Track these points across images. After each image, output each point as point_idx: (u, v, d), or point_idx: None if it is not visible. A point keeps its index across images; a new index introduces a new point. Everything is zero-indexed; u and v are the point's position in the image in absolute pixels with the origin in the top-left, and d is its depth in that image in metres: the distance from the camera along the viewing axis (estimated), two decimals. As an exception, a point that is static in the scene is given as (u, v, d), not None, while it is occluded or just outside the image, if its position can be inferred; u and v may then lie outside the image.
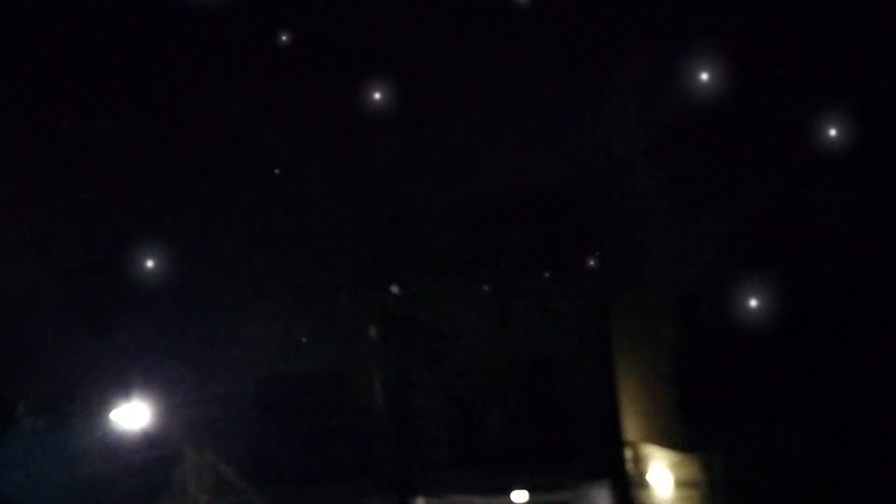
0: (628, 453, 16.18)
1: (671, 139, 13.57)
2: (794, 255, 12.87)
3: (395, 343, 7.21)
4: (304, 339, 8.15)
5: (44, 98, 8.56)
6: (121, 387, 10.43)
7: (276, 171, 7.48)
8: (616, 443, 15.38)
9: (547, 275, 14.26)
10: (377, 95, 8.79)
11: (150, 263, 8.44)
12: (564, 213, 15.99)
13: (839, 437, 11.84)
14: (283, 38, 8.06)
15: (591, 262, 15.26)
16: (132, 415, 9.98)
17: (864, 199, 12.39)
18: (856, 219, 12.63)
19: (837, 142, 12.65)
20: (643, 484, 16.52)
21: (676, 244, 14.17)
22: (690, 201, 13.46)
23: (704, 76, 13.12)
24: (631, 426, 15.96)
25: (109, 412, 10.28)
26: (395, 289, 6.86)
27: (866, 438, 11.44)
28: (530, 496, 15.20)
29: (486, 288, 7.70)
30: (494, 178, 14.46)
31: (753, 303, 13.09)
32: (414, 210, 8.40)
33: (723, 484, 14.01)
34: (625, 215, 15.89)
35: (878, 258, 12.43)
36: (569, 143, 16.35)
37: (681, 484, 14.79)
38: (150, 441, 11.10)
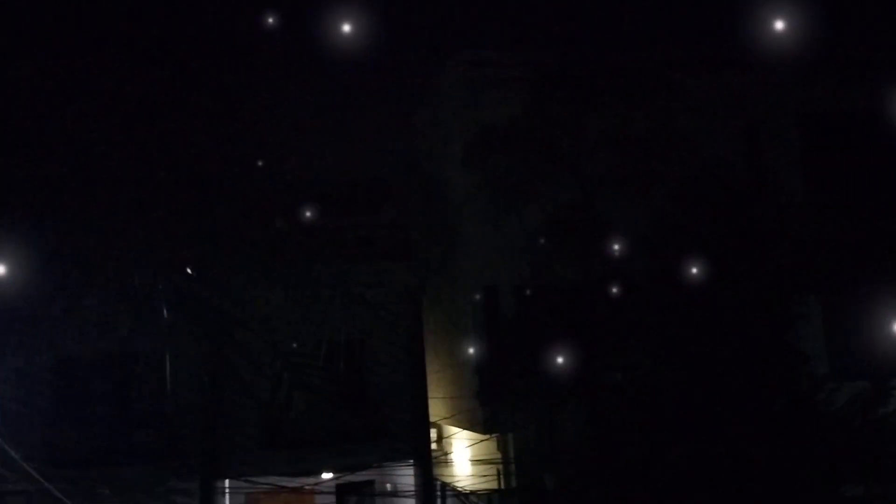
0: (433, 433, 17.08)
1: (485, 143, 14.49)
2: (585, 254, 14.22)
3: (201, 326, 7.29)
4: (105, 319, 7.98)
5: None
6: None
7: (85, 147, 7.25)
8: (422, 424, 16.10)
9: (362, 263, 14.77)
10: (197, 75, 8.71)
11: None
12: (383, 205, 16.60)
13: (615, 420, 13.30)
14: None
15: (405, 253, 15.93)
16: None
17: (649, 201, 13.80)
18: (640, 220, 14.13)
19: (628, 155, 14.15)
20: (446, 462, 17.54)
21: (484, 240, 15.20)
22: (498, 201, 14.46)
23: (521, 88, 14.18)
24: (437, 408, 16.86)
25: None
26: (190, 271, 6.93)
27: (639, 418, 12.90)
28: (337, 476, 15.63)
29: (296, 274, 7.94)
30: (316, 168, 14.74)
31: (549, 296, 14.35)
32: (228, 194, 8.45)
33: (516, 460, 15.27)
34: (439, 210, 16.75)
35: (652, 253, 13.93)
36: (390, 139, 16.95)
37: (479, 461, 15.89)
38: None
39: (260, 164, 8.85)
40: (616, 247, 13.63)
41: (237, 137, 8.70)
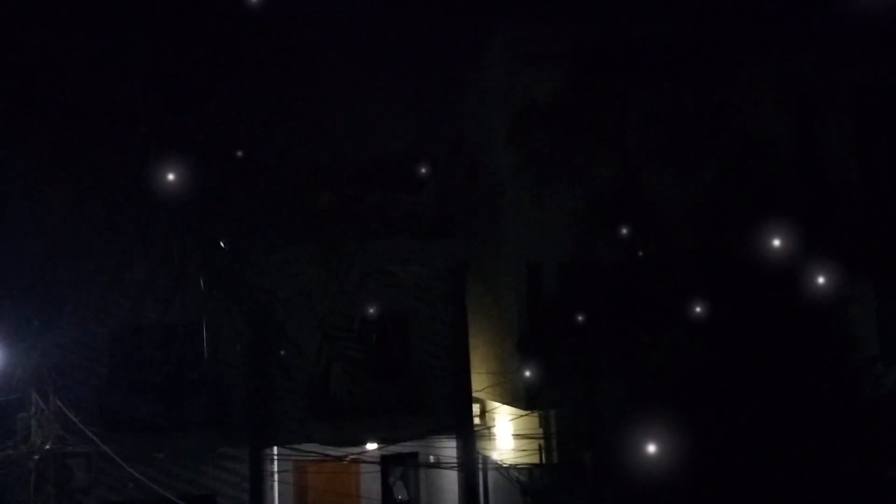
0: (476, 408, 17.29)
1: (529, 120, 14.45)
2: (629, 232, 14.12)
3: (241, 300, 7.56)
4: (159, 290, 8.33)
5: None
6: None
7: (130, 123, 7.54)
8: (465, 399, 16.32)
9: (406, 239, 14.96)
10: (236, 51, 8.87)
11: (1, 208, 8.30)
12: (427, 182, 16.73)
13: (656, 399, 13.28)
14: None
15: (449, 230, 16.05)
16: (-25, 360, 9.80)
17: (694, 183, 13.61)
18: (686, 201, 13.96)
19: (675, 132, 13.93)
20: (489, 436, 17.76)
21: (527, 217, 15.21)
22: (542, 178, 14.43)
23: (566, 64, 14.03)
24: (480, 383, 17.05)
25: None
26: (223, 244, 7.17)
27: (680, 397, 12.86)
28: (382, 447, 15.99)
29: (343, 249, 8.13)
30: (360, 145, 14.94)
31: (592, 274, 14.33)
32: (277, 170, 8.66)
33: (557, 436, 15.38)
34: (483, 187, 16.79)
35: (704, 238, 13.77)
36: (433, 116, 16.99)
37: (521, 436, 16.06)
38: (-6, 386, 10.94)
39: (306, 140, 9.00)
40: (661, 225, 13.52)
41: (282, 113, 8.86)
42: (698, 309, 12.66)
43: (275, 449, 15.43)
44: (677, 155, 13.30)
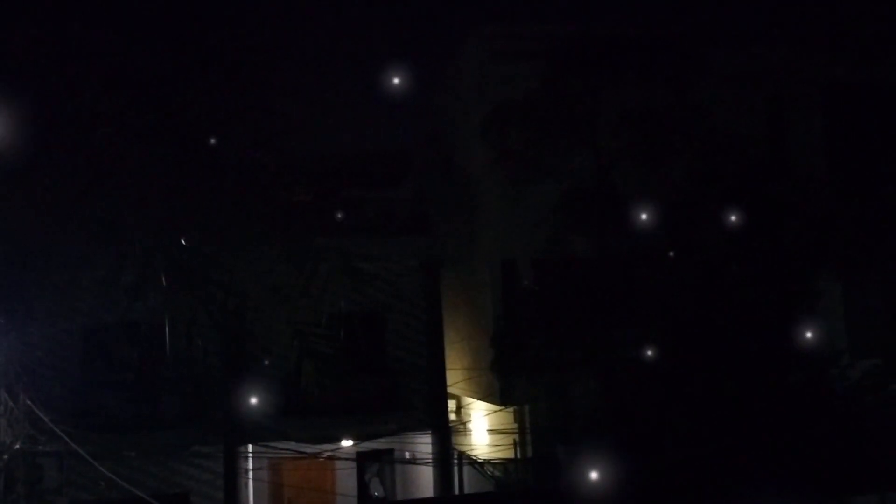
0: (452, 404, 17.36)
1: (503, 116, 14.51)
2: (601, 228, 14.24)
3: (196, 295, 7.53)
4: (128, 288, 8.26)
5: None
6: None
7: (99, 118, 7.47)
8: (440, 394, 16.38)
9: (380, 236, 14.97)
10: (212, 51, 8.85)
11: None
12: (402, 179, 16.75)
13: (628, 393, 13.42)
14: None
15: (424, 226, 16.07)
16: (-57, 359, 9.66)
17: (667, 176, 13.74)
18: (663, 199, 14.09)
19: (647, 128, 14.06)
20: (464, 432, 17.85)
21: (502, 213, 15.29)
22: (516, 175, 14.51)
23: (540, 62, 14.11)
24: (455, 379, 17.11)
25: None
26: (186, 240, 7.13)
27: (651, 391, 13.01)
28: (357, 443, 16.00)
29: (299, 246, 8.12)
30: (334, 141, 14.94)
31: (566, 270, 14.43)
32: (247, 166, 8.63)
33: (532, 431, 15.49)
34: (458, 184, 16.85)
35: (676, 234, 13.90)
36: (409, 112, 17.02)
37: (496, 432, 16.15)
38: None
39: (278, 136, 8.97)
40: (632, 221, 13.65)
41: (254, 107, 8.80)
42: (670, 303, 12.85)
43: (249, 447, 15.39)
44: (649, 151, 13.43)
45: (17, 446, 10.52)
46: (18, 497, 10.85)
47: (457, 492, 15.97)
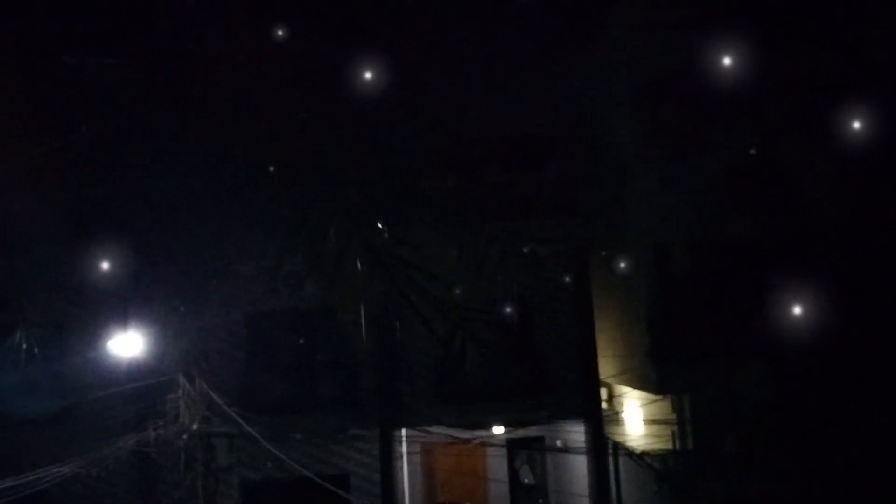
0: (603, 392, 16.88)
1: (655, 91, 13.86)
2: (764, 207, 13.33)
3: (380, 281, 7.62)
4: (293, 275, 8.53)
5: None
6: (117, 317, 10.85)
7: (268, 109, 7.76)
8: (592, 382, 15.96)
9: (528, 219, 14.70)
10: (366, 41, 8.98)
11: (147, 197, 8.73)
12: (548, 160, 16.37)
13: (794, 381, 12.52)
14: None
15: (572, 208, 15.68)
16: (127, 344, 10.41)
17: (834, 155, 12.69)
18: (828, 174, 13.02)
19: (812, 98, 12.99)
20: (617, 421, 17.31)
21: (654, 194, 14.61)
22: (670, 152, 13.83)
23: (691, 32, 13.34)
24: (607, 367, 16.62)
25: (106, 341, 10.73)
26: (381, 226, 7.23)
27: (816, 384, 12.07)
28: (508, 431, 15.91)
29: (467, 231, 8.05)
30: (480, 125, 14.80)
31: (726, 252, 13.64)
32: (400, 153, 8.70)
33: (690, 422, 14.77)
34: (606, 164, 16.28)
35: (847, 215, 12.82)
36: (553, 92, 16.59)
37: (652, 422, 15.54)
38: (143, 370, 11.59)
39: (441, 123, 9.01)
40: (801, 198, 12.71)
41: (409, 96, 8.86)
42: (843, 286, 11.81)
43: (403, 431, 15.66)
44: (816, 123, 12.38)
45: (195, 427, 11.23)
46: (197, 475, 11.57)
47: (613, 483, 15.55)
